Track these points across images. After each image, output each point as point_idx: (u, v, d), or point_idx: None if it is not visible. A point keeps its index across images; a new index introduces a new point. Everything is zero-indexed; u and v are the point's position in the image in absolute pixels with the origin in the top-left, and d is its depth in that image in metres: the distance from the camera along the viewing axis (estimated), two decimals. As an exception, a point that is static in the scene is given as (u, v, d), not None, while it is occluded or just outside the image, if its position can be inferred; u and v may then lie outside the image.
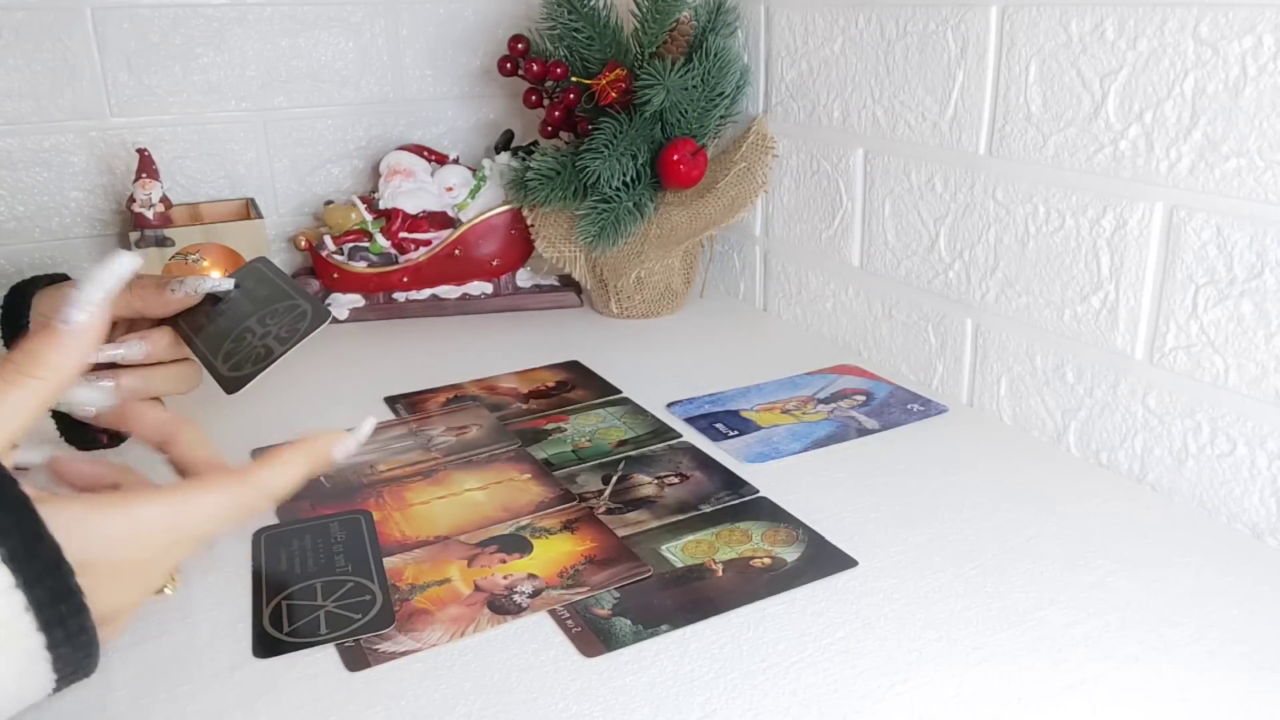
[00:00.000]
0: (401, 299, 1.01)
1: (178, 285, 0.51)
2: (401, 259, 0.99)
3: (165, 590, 0.46)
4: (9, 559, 0.33)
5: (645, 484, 0.65)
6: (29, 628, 0.34)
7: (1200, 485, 0.61)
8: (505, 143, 1.06)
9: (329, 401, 0.79)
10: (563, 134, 0.99)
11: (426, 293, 1.01)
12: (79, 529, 0.36)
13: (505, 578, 0.54)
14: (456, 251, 0.99)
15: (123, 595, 0.39)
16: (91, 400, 0.49)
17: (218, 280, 0.52)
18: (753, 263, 1.02)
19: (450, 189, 1.01)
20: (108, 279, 0.42)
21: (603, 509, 0.62)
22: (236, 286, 0.52)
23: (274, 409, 0.77)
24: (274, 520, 0.61)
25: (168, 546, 0.40)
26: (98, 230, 1.01)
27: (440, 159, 1.04)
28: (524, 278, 1.04)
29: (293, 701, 0.46)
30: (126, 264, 0.44)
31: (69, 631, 0.35)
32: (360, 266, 0.98)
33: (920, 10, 0.75)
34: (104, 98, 0.98)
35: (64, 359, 0.40)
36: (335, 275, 0.98)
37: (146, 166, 0.91)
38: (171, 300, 0.50)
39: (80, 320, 0.41)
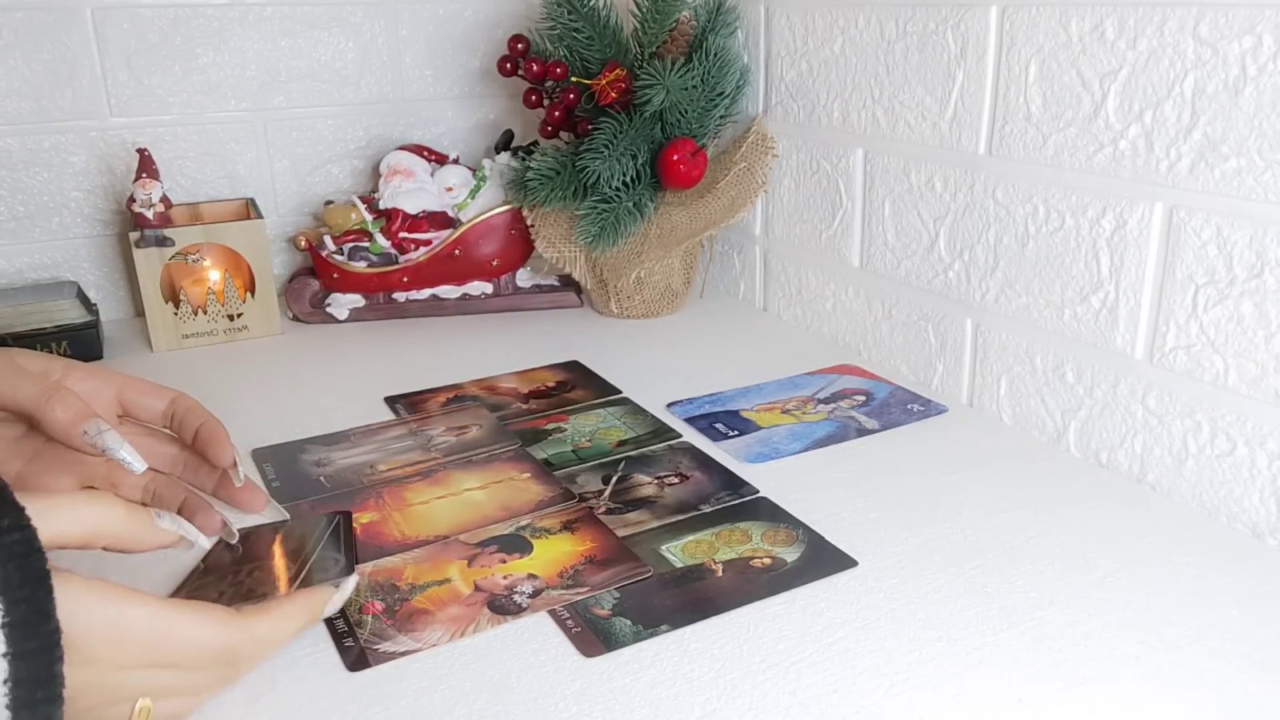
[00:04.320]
0: (401, 299, 1.01)
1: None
2: (401, 259, 0.99)
3: None
4: (10, 626, 0.33)
5: (645, 484, 0.65)
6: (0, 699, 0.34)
7: (1200, 485, 0.61)
8: (505, 143, 1.06)
9: (329, 401, 0.79)
10: (563, 134, 0.99)
11: (426, 293, 1.01)
12: (68, 604, 0.36)
13: (505, 578, 0.54)
14: (456, 251, 0.99)
15: (88, 692, 0.38)
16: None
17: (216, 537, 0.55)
18: (753, 263, 1.02)
19: (450, 189, 1.01)
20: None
21: (603, 509, 0.62)
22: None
23: (274, 409, 0.77)
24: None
25: (143, 660, 0.39)
26: (98, 230, 1.01)
27: (440, 159, 1.04)
28: (524, 278, 1.04)
29: (293, 701, 0.46)
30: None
31: (35, 717, 0.35)
32: (360, 266, 0.98)
33: (920, 10, 0.75)
34: (104, 98, 0.98)
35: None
36: (335, 275, 0.98)
37: (146, 166, 0.90)
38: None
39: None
